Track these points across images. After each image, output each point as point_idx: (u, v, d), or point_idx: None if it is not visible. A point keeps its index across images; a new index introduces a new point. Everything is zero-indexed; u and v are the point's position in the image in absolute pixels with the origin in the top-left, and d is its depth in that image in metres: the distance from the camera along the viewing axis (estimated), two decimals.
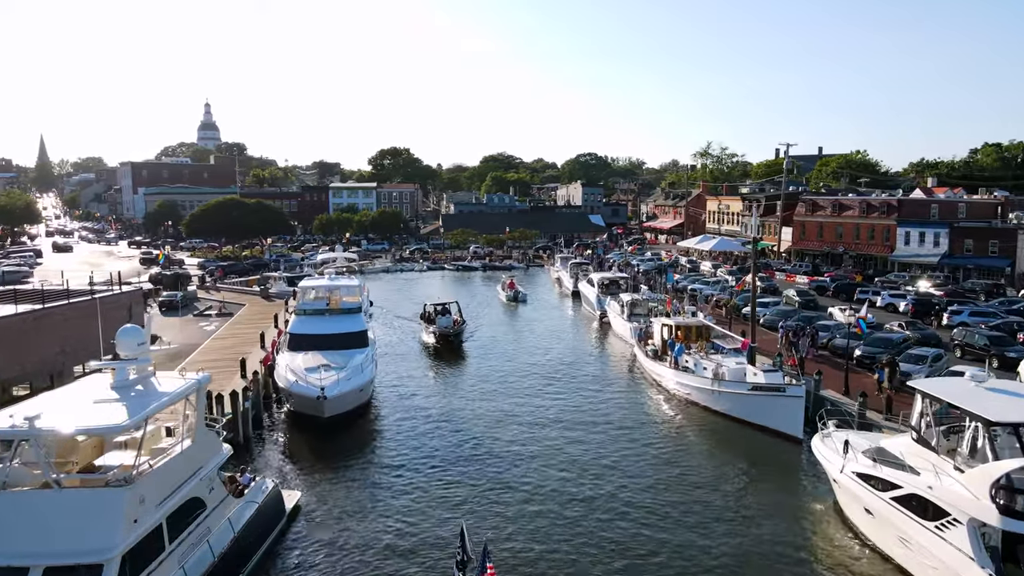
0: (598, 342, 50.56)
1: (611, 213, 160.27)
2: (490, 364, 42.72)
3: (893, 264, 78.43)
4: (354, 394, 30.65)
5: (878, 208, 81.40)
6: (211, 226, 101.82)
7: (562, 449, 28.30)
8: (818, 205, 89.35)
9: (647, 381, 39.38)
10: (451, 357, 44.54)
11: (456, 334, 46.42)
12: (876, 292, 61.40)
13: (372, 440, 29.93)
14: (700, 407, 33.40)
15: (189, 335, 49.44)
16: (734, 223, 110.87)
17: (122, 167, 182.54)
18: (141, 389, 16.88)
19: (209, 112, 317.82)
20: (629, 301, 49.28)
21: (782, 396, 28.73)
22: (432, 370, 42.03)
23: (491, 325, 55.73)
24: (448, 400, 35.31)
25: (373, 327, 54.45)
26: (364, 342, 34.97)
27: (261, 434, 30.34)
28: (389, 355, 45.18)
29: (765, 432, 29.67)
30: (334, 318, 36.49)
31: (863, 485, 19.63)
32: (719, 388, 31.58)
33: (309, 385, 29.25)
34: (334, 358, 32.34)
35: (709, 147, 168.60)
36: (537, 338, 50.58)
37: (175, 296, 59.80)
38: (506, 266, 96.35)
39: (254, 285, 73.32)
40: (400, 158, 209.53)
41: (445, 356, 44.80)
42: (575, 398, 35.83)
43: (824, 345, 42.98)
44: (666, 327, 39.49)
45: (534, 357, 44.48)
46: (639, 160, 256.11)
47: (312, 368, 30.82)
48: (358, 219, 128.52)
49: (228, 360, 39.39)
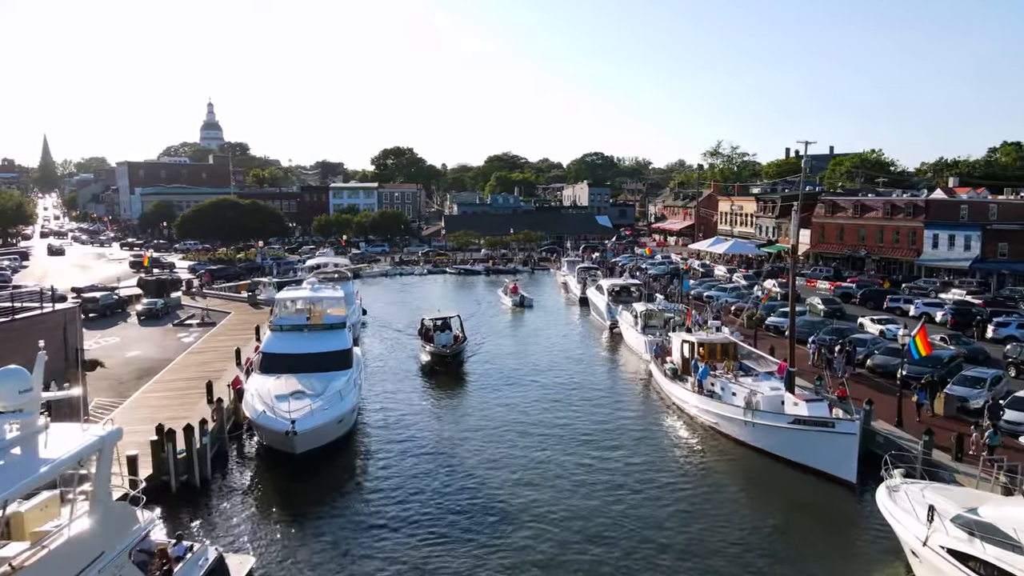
0: (609, 356, 46.33)
1: (618, 214, 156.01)
2: (492, 386, 38.14)
3: (920, 269, 73.95)
4: (331, 426, 26.55)
5: (903, 209, 76.93)
6: (204, 227, 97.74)
7: (571, 499, 24.00)
8: (838, 206, 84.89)
9: (665, 404, 35.18)
10: (449, 378, 39.96)
11: (455, 354, 41.51)
12: (908, 300, 57.04)
13: (351, 483, 25.79)
14: (729, 439, 29.18)
15: (164, 348, 45.47)
16: (748, 224, 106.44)
17: (119, 167, 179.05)
18: (17, 453, 12.78)
19: (212, 112, 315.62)
20: (643, 312, 45.02)
21: (831, 433, 24.47)
22: (427, 393, 37.55)
23: (495, 337, 51.29)
24: (443, 431, 31.05)
25: (364, 340, 50.23)
26: (347, 363, 30.85)
27: (224, 473, 26.21)
28: (380, 374, 41.02)
29: (809, 473, 25.46)
30: (314, 335, 32.31)
31: (961, 570, 15.36)
32: (753, 419, 27.33)
33: (278, 417, 25.18)
34: (311, 383, 28.27)
35: (719, 146, 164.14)
36: (543, 353, 46.29)
37: (155, 304, 55.87)
38: (510, 269, 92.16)
39: (244, 290, 69.49)
40: (403, 158, 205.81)
41: (443, 377, 40.20)
42: (585, 425, 31.65)
43: (860, 362, 38.76)
44: (687, 344, 35.25)
45: (540, 376, 40.26)
46: (645, 160, 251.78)
47: (283, 396, 26.76)
48: (358, 220, 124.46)
49: (200, 379, 35.37)
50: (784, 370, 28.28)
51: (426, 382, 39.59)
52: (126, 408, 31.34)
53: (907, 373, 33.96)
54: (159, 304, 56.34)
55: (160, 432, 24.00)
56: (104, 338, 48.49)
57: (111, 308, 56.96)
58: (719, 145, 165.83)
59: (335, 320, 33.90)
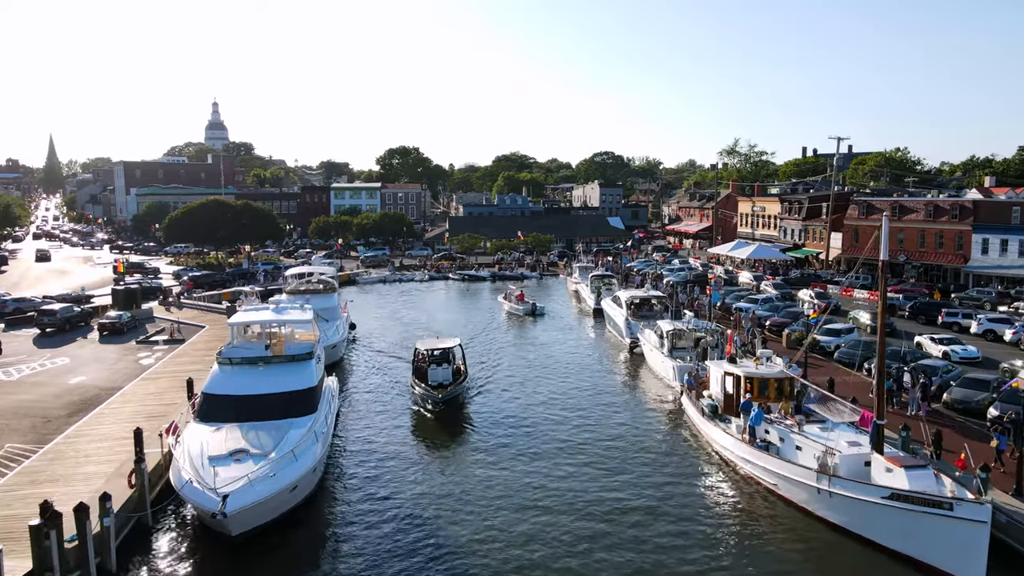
0: (630, 382, 39.92)
1: (631, 215, 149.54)
2: (493, 431, 31.00)
3: (968, 276, 67.25)
4: (281, 497, 20.34)
5: (948, 211, 70.18)
6: (194, 230, 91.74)
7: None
8: (874, 208, 78.13)
9: (701, 449, 28.84)
10: (444, 418, 32.55)
11: (453, 397, 33.29)
12: (967, 314, 50.42)
13: (308, 571, 19.60)
14: (794, 507, 22.84)
15: (116, 372, 39.45)
16: (771, 227, 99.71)
17: (115, 167, 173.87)
18: None
19: (217, 112, 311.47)
20: (671, 332, 38.60)
21: (949, 518, 18.09)
22: (416, 438, 30.50)
23: (500, 359, 44.35)
24: (431, 492, 24.62)
25: (349, 362, 43.37)
26: (310, 406, 24.58)
27: (137, 564, 19.98)
28: (361, 409, 34.47)
29: (912, 564, 19.11)
30: (271, 370, 25.91)
31: None
32: (831, 487, 20.96)
33: (205, 491, 19.01)
34: (259, 436, 22.11)
35: (736, 145, 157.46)
36: (554, 379, 39.69)
37: (119, 318, 49.87)
38: (517, 275, 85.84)
39: (227, 299, 63.53)
40: (409, 157, 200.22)
41: (437, 418, 32.73)
42: (609, 480, 25.38)
43: (933, 394, 32.25)
44: (731, 377, 28.91)
45: (552, 410, 33.84)
46: (655, 160, 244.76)
47: (219, 457, 20.63)
48: (358, 222, 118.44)
49: (144, 418, 29.41)
50: (870, 421, 21.88)
51: (417, 422, 32.75)
52: (39, 460, 25.27)
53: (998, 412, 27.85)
54: (124, 317, 50.32)
55: (44, 512, 17.88)
56: (53, 359, 42.57)
57: (72, 322, 51.09)
58: (736, 144, 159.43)
59: (300, 350, 27.44)
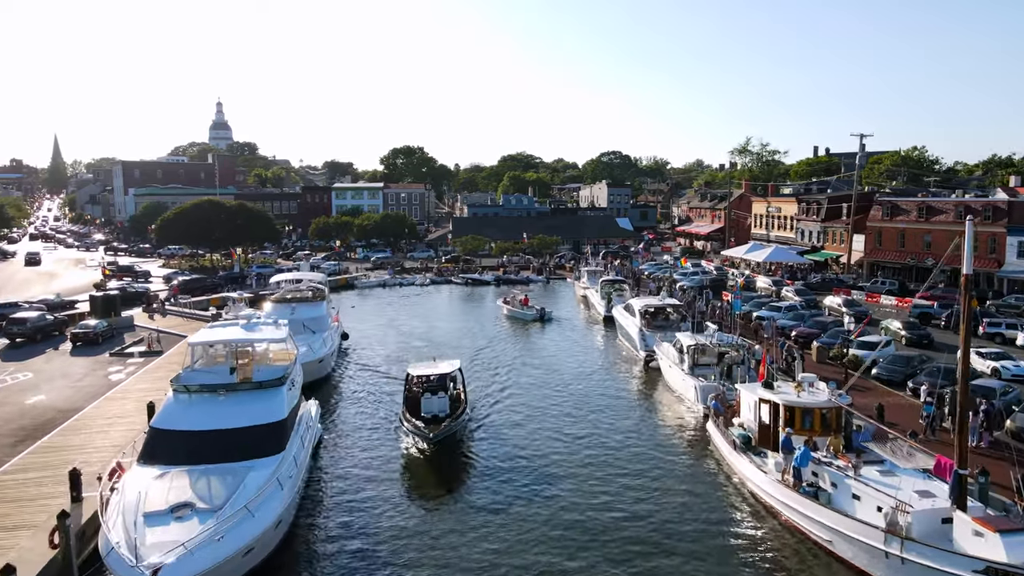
0: (646, 403, 35.96)
1: (639, 216, 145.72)
2: (498, 465, 26.91)
3: (1001, 282, 63.23)
4: (230, 565, 16.49)
5: (980, 212, 66.06)
6: (188, 231, 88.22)
7: None
8: (899, 208, 74.04)
9: (731, 486, 25.03)
10: (439, 455, 27.37)
11: (448, 435, 27.66)
12: (1012, 324, 46.41)
13: None
14: (854, 569, 19.01)
15: (81, 389, 35.81)
16: (787, 228, 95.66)
17: (114, 167, 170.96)
18: None
19: (221, 111, 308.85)
20: (692, 347, 34.74)
21: None
22: (406, 481, 25.78)
23: (504, 376, 40.19)
24: (419, 546, 20.96)
25: (337, 377, 39.03)
26: (277, 444, 20.71)
27: None
28: (346, 441, 30.05)
29: None
30: (234, 400, 21.94)
31: None
32: (903, 554, 17.14)
33: (129, 563, 15.21)
34: (210, 485, 18.34)
35: (748, 143, 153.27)
36: (564, 398, 35.80)
37: (93, 328, 46.30)
38: (523, 279, 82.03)
39: (216, 305, 60.05)
40: (414, 157, 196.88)
41: (431, 453, 27.62)
42: (628, 527, 21.60)
43: (992, 420, 28.32)
44: (767, 405, 25.09)
45: (561, 441, 29.80)
46: (663, 160, 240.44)
47: (157, 513, 16.91)
48: (359, 223, 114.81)
49: (94, 450, 25.93)
50: (948, 470, 18.04)
51: (408, 459, 27.98)
52: None
53: None
54: (99, 327, 46.74)
55: None
56: (17, 372, 39.00)
57: (44, 331, 47.58)
58: (748, 142, 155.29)
59: (270, 375, 23.49)
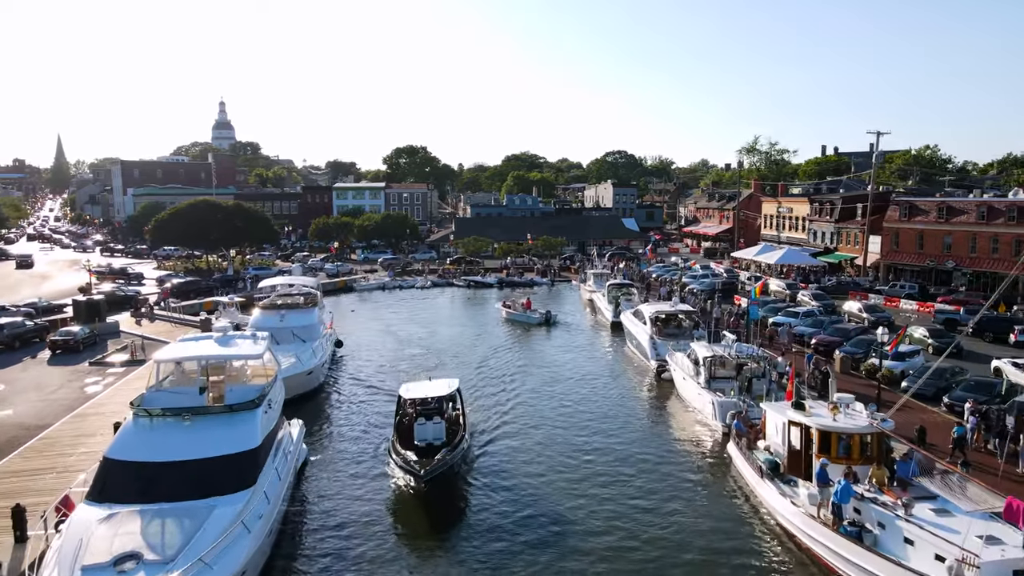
0: (659, 419, 33.25)
1: (645, 216, 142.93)
2: (501, 497, 23.79)
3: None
4: None
5: (1004, 212, 63.27)
6: (184, 232, 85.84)
7: None
8: (917, 208, 71.26)
9: (755, 517, 22.46)
10: (436, 485, 23.12)
11: (443, 471, 23.13)
12: None
13: None
14: None
15: (52, 403, 33.42)
16: (799, 229, 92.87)
17: (113, 166, 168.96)
18: None
19: (224, 111, 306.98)
20: (709, 359, 32.17)
21: None
22: (398, 518, 22.50)
23: (507, 391, 37.12)
24: None
25: (328, 389, 36.15)
26: (246, 477, 18.09)
27: None
28: (334, 466, 27.09)
29: None
30: (202, 425, 19.19)
31: None
32: None
33: None
34: (164, 529, 15.87)
35: (756, 142, 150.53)
36: (572, 415, 33.03)
37: (73, 335, 43.97)
38: (527, 282, 79.50)
39: (207, 310, 57.75)
40: (417, 157, 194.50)
41: (424, 496, 23.26)
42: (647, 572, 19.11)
43: None
44: (797, 428, 22.52)
45: (570, 469, 27.10)
46: (668, 159, 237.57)
47: (98, 567, 14.45)
48: (359, 223, 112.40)
49: (54, 477, 23.62)
50: (1021, 514, 15.46)
51: (399, 491, 24.47)
52: None
53: None
54: (80, 334, 44.43)
55: None
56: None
57: (22, 338, 45.29)
58: (756, 141, 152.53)
59: (243, 397, 20.64)
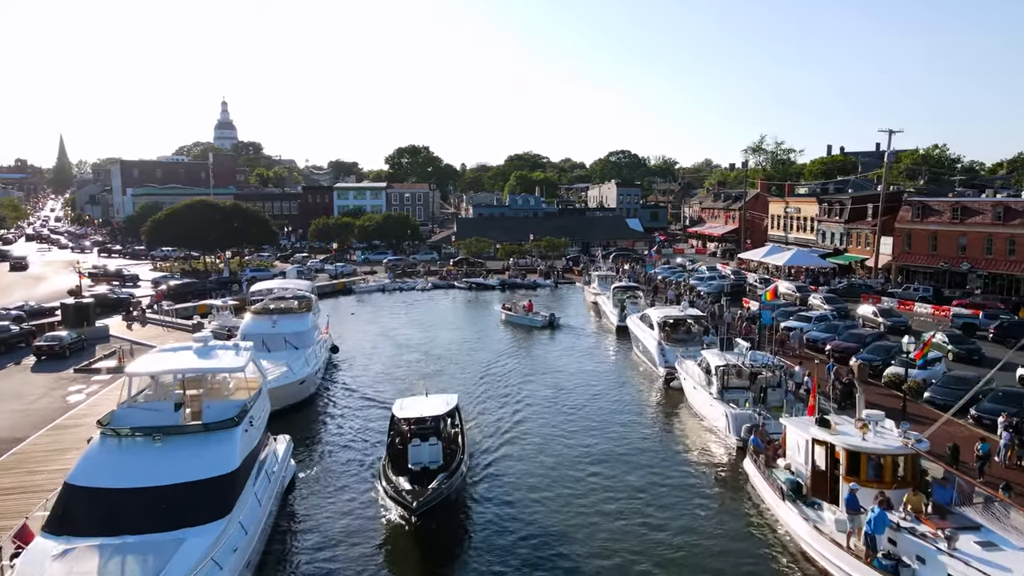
0: (670, 431, 31.42)
1: (650, 216, 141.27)
2: (502, 538, 21.24)
3: None
4: None
5: (1021, 213, 61.47)
6: (181, 232, 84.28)
7: None
8: (930, 209, 69.43)
9: (782, 545, 20.78)
10: (429, 531, 20.45)
11: (438, 503, 20.24)
12: None
13: None
14: None
15: (30, 414, 31.84)
16: (807, 230, 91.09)
17: (112, 166, 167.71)
18: None
19: (226, 111, 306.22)
20: (721, 368, 30.44)
21: None
22: (387, 551, 20.22)
23: (510, 402, 35.32)
24: None
25: (321, 397, 33.96)
26: (221, 505, 16.36)
27: None
28: (323, 488, 25.18)
29: None
30: (174, 447, 17.47)
31: None
32: None
33: None
34: (124, 570, 14.25)
35: (762, 141, 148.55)
36: (578, 427, 31.19)
37: (59, 340, 42.40)
38: (529, 284, 77.81)
39: (202, 313, 56.18)
40: (419, 156, 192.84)
41: (417, 529, 20.48)
42: None
43: None
44: (821, 447, 20.81)
45: (577, 489, 25.46)
46: (671, 159, 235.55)
47: None
48: (360, 224, 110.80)
49: (21, 497, 22.09)
50: None
51: (391, 521, 21.82)
52: None
53: None
54: (67, 338, 42.89)
55: None
56: None
57: (7, 343, 43.77)
58: (762, 140, 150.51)
59: (221, 415, 18.88)
